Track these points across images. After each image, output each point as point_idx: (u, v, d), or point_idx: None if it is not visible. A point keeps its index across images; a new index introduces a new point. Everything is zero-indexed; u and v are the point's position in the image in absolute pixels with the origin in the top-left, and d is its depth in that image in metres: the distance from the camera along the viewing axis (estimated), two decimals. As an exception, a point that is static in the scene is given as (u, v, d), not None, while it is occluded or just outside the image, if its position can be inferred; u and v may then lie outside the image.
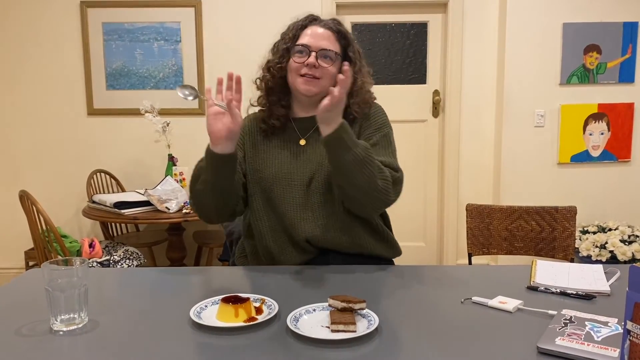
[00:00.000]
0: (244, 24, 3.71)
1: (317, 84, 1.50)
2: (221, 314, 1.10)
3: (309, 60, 1.47)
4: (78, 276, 1.08)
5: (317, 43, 1.49)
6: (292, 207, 1.52)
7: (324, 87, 1.50)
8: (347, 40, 1.54)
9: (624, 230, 3.36)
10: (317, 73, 1.49)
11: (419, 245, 3.99)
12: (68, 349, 0.99)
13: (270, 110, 1.57)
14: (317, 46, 1.49)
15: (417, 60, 3.87)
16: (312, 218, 1.51)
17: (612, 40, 3.59)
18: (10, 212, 3.82)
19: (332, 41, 1.51)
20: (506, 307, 1.15)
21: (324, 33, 1.51)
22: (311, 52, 1.48)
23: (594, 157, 3.68)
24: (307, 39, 1.50)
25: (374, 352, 0.96)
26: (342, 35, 1.53)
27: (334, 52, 1.50)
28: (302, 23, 1.55)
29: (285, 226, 1.53)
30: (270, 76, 1.55)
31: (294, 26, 1.55)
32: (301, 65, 1.49)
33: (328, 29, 1.52)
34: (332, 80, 1.50)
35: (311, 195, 1.51)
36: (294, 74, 1.51)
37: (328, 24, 1.53)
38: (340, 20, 1.57)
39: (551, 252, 2.12)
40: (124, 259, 2.85)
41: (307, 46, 1.49)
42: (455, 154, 3.83)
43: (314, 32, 1.51)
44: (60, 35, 3.71)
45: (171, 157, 3.40)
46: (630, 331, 0.77)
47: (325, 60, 1.49)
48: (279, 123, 1.56)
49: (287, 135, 1.58)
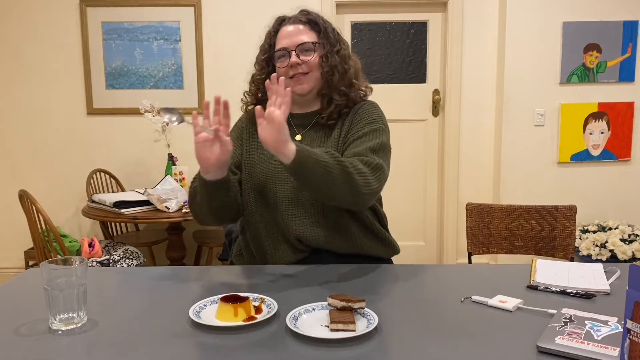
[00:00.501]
0: (243, 23, 3.71)
1: (308, 79, 1.52)
2: (220, 313, 1.10)
3: (292, 61, 1.50)
4: (77, 275, 1.07)
5: (293, 41, 1.51)
6: (284, 203, 1.51)
7: (315, 80, 1.53)
8: (319, 26, 1.55)
9: (624, 229, 3.36)
10: (304, 69, 1.51)
11: (419, 245, 3.99)
12: (67, 349, 0.98)
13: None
14: (293, 44, 1.51)
15: (417, 59, 3.87)
16: (303, 215, 1.50)
17: (612, 39, 3.58)
18: (10, 212, 3.82)
19: (306, 32, 1.53)
20: (506, 306, 1.15)
21: (295, 29, 1.53)
22: (291, 52, 1.50)
23: (594, 156, 3.68)
24: (284, 42, 1.52)
25: (373, 351, 0.95)
26: (313, 24, 1.55)
27: (311, 42, 1.52)
28: (273, 29, 1.57)
29: (277, 222, 1.53)
30: (256, 88, 1.59)
31: (267, 35, 1.58)
32: (287, 68, 1.51)
33: (298, 23, 1.54)
34: (319, 70, 1.53)
35: (303, 192, 1.51)
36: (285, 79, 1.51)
37: (298, 18, 1.55)
38: (309, 9, 1.58)
39: (551, 251, 2.12)
40: (124, 258, 2.84)
41: (285, 48, 1.52)
42: (455, 153, 3.83)
43: (286, 32, 1.53)
44: (59, 35, 3.71)
45: (171, 156, 3.40)
46: (630, 330, 0.77)
47: (307, 54, 1.51)
48: None
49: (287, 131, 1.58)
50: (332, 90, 1.53)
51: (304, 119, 1.58)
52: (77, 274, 1.07)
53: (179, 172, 3.27)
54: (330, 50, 1.54)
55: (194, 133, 1.32)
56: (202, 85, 3.75)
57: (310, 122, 1.56)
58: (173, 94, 3.76)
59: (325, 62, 1.53)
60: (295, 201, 1.51)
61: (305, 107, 1.59)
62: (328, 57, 1.53)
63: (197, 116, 1.32)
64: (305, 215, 1.50)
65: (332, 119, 1.54)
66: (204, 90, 3.76)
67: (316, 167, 1.27)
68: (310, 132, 1.56)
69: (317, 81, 1.54)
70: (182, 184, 3.24)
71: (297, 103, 1.58)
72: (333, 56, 1.53)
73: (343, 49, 1.57)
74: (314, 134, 1.56)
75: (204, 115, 1.35)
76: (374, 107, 1.57)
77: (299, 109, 1.59)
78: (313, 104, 1.59)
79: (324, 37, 1.54)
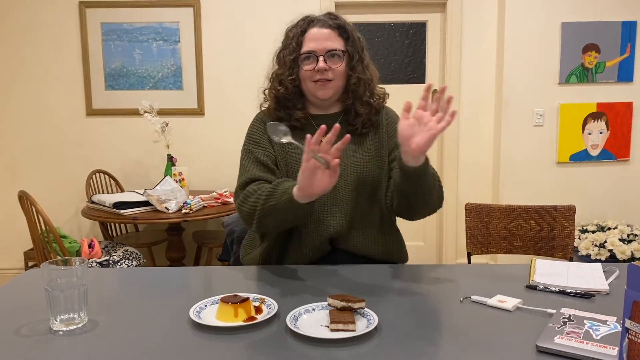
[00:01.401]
0: (242, 23, 3.71)
1: (331, 86, 1.51)
2: (221, 314, 1.10)
3: (319, 66, 1.48)
4: (77, 276, 1.08)
5: (322, 45, 1.49)
6: (320, 202, 1.50)
7: (339, 87, 1.53)
8: (347, 33, 1.54)
9: (623, 229, 3.37)
10: (329, 75, 1.50)
11: (419, 245, 3.99)
12: (68, 349, 0.99)
13: (288, 114, 1.56)
14: (322, 49, 1.49)
15: (416, 59, 3.88)
16: (339, 213, 1.50)
17: (611, 39, 3.59)
18: (10, 213, 3.82)
19: (335, 39, 1.51)
20: (505, 306, 1.15)
21: (325, 33, 1.50)
22: (318, 57, 1.49)
23: (593, 156, 3.69)
24: (312, 44, 1.50)
25: (373, 351, 0.96)
26: (342, 30, 1.53)
27: (340, 50, 1.51)
28: (301, 29, 1.53)
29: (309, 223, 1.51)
30: (284, 89, 1.54)
31: (294, 33, 1.53)
32: (313, 72, 1.49)
33: (328, 27, 1.51)
34: (344, 79, 1.53)
35: (339, 191, 1.51)
36: (307, 81, 1.51)
37: (327, 22, 1.52)
38: (335, 13, 1.57)
39: (550, 251, 2.12)
40: (124, 259, 2.84)
41: (313, 52, 1.49)
42: (454, 153, 3.84)
43: (316, 35, 1.50)
44: (59, 36, 3.71)
45: (170, 157, 3.40)
46: (629, 329, 0.77)
47: (334, 60, 1.50)
48: (300, 124, 1.56)
49: (309, 132, 1.54)
50: (356, 100, 1.54)
51: (326, 119, 1.55)
52: (77, 274, 1.08)
53: (179, 172, 3.27)
54: (357, 60, 1.53)
55: (305, 158, 1.22)
56: (201, 86, 3.75)
57: (334, 122, 1.53)
58: (172, 95, 3.76)
59: (353, 73, 1.53)
60: (332, 200, 1.50)
61: (324, 109, 1.59)
62: (355, 68, 1.53)
63: (310, 141, 1.20)
64: (343, 215, 1.50)
65: (366, 128, 1.56)
66: (203, 91, 3.76)
67: (430, 171, 1.39)
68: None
69: (340, 88, 1.54)
70: (181, 184, 3.24)
71: (316, 105, 1.58)
72: (360, 66, 1.54)
73: (366, 58, 1.57)
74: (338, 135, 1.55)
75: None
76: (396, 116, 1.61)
77: (318, 110, 1.59)
78: (333, 106, 1.59)
79: (352, 45, 1.53)
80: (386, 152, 1.57)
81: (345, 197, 1.51)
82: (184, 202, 2.99)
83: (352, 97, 1.54)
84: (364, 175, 1.53)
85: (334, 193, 1.50)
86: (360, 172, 1.52)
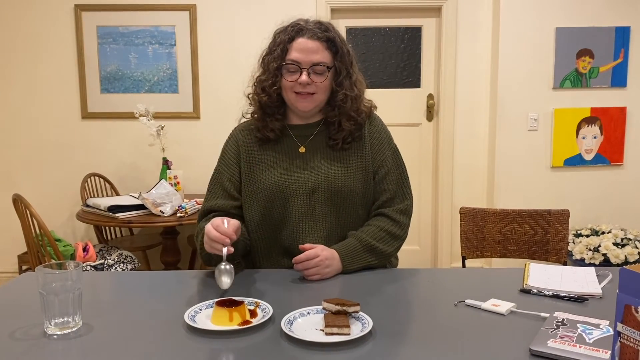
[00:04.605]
0: (238, 27, 3.71)
1: (313, 100, 1.48)
2: (215, 318, 1.10)
3: (302, 79, 1.44)
4: (72, 280, 1.07)
5: (307, 58, 1.45)
6: (295, 218, 1.49)
7: (320, 101, 1.50)
8: (337, 47, 1.49)
9: (617, 233, 3.38)
10: (311, 89, 1.46)
11: (413, 249, 4.00)
12: (62, 353, 0.98)
13: (264, 122, 1.53)
14: (307, 62, 1.45)
15: (411, 64, 3.89)
16: (315, 229, 1.49)
17: (605, 44, 3.62)
18: (4, 216, 3.80)
19: (322, 52, 1.46)
20: (499, 309, 1.15)
21: (313, 46, 1.45)
22: (302, 70, 1.45)
23: (586, 160, 3.71)
24: (297, 55, 1.45)
25: (367, 355, 0.96)
26: (330, 43, 1.48)
27: (326, 65, 1.47)
28: (289, 36, 1.48)
29: (282, 239, 1.51)
30: (266, 95, 1.50)
31: (281, 40, 1.48)
32: (295, 83, 1.46)
33: (316, 39, 1.46)
34: (327, 93, 1.50)
35: (315, 206, 1.49)
36: (289, 91, 1.48)
37: (315, 33, 1.46)
38: (326, 23, 1.51)
39: (544, 255, 2.13)
40: (118, 262, 2.84)
41: (297, 63, 1.45)
42: (449, 157, 3.85)
43: (303, 46, 1.45)
44: (54, 39, 3.71)
45: (165, 160, 3.40)
46: (621, 333, 0.78)
47: (318, 75, 1.46)
48: (274, 135, 1.53)
49: (285, 143, 1.55)
50: (341, 116, 1.50)
51: (305, 129, 1.55)
52: (72, 278, 1.08)
53: (174, 176, 3.27)
54: (345, 76, 1.49)
55: (209, 248, 1.33)
56: (197, 90, 3.75)
57: (311, 133, 1.54)
58: (168, 99, 3.76)
59: (340, 89, 1.49)
60: (308, 215, 1.49)
61: (305, 119, 1.56)
62: (342, 84, 1.49)
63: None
64: (319, 229, 1.49)
65: (347, 143, 1.53)
66: (199, 95, 3.76)
67: (364, 255, 1.46)
68: (312, 143, 1.54)
69: (322, 102, 1.51)
70: (176, 188, 3.24)
71: (296, 114, 1.55)
72: (347, 81, 1.50)
73: (355, 74, 1.53)
74: (316, 145, 1.54)
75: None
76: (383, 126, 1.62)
77: (299, 120, 1.56)
78: (314, 115, 1.56)
79: (340, 59, 1.48)
80: (371, 166, 1.54)
81: (320, 212, 1.49)
82: (179, 206, 2.99)
83: (338, 113, 1.50)
84: (339, 188, 1.49)
85: (309, 209, 1.49)
86: (336, 186, 1.49)
